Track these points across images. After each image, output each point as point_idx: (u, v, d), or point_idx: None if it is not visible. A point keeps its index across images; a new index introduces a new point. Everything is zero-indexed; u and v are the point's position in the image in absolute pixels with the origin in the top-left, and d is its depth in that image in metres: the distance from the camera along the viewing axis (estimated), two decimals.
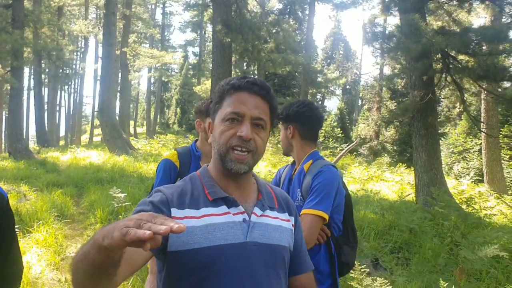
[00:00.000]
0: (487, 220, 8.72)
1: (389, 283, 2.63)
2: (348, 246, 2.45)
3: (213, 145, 1.41)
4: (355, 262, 2.64)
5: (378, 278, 2.65)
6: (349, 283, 2.95)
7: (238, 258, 1.29)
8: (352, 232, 2.50)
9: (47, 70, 30.16)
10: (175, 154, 2.66)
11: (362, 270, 2.62)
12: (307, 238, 2.14)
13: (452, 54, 9.68)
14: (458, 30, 9.81)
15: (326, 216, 2.22)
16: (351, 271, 3.05)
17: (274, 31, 17.24)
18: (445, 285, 2.69)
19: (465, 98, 10.97)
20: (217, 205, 1.35)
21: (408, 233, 6.75)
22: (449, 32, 9.28)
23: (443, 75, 10.10)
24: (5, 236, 1.85)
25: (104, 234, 0.90)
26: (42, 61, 25.74)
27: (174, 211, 1.30)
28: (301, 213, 2.24)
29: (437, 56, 9.86)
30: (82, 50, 46.53)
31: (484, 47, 9.30)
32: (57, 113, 45.64)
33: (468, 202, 9.25)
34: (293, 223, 1.52)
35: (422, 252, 6.04)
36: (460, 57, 9.99)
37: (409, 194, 10.93)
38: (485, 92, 11.07)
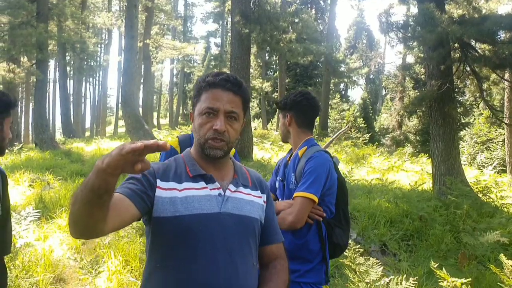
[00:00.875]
0: (505, 209, 8.69)
1: (380, 264, 2.76)
2: (340, 228, 2.57)
3: (194, 134, 1.63)
4: (348, 243, 2.75)
5: (370, 258, 2.77)
6: (341, 260, 3.07)
7: (213, 226, 1.49)
8: (344, 215, 2.62)
9: (71, 62, 30.79)
10: (176, 141, 2.85)
11: (356, 249, 2.74)
12: (297, 218, 2.30)
13: (470, 43, 9.60)
14: (477, 18, 9.70)
15: (316, 198, 2.36)
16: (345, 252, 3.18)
17: (294, 21, 17.23)
18: (435, 266, 2.80)
19: (483, 87, 10.87)
20: (197, 181, 1.56)
21: (419, 221, 6.82)
22: (466, 20, 9.20)
23: (461, 64, 10.02)
24: (9, 208, 2.30)
25: (104, 157, 1.08)
26: (67, 54, 26.31)
27: (159, 182, 1.52)
28: (293, 196, 2.39)
29: (455, 45, 9.78)
30: (106, 42, 47.20)
31: (502, 36, 9.20)
32: (82, 105, 46.61)
33: (484, 192, 9.22)
34: (265, 200, 1.71)
35: (430, 239, 6.13)
36: (482, 45, 9.89)
37: (423, 183, 10.92)
38: (504, 81, 10.93)
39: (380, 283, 2.49)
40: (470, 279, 2.77)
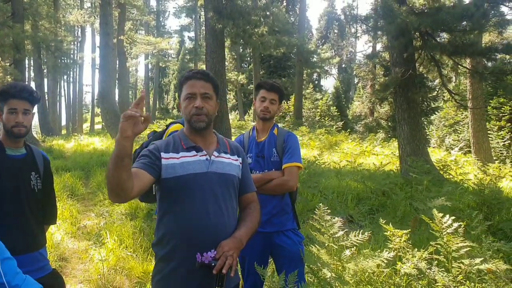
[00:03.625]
0: (465, 185, 9.47)
1: (344, 227, 3.40)
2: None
3: (183, 115, 2.24)
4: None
5: (336, 218, 3.41)
6: (312, 221, 3.69)
7: (203, 182, 2.11)
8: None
9: (45, 60, 30.72)
10: (181, 126, 3.46)
11: (325, 210, 3.37)
12: (295, 182, 3.09)
13: (430, 32, 10.32)
14: (433, 9, 10.42)
15: (302, 165, 3.18)
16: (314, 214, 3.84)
17: (266, 14, 17.69)
18: (383, 223, 3.48)
19: (443, 73, 11.66)
20: (189, 151, 2.17)
21: (382, 196, 7.55)
22: (424, 11, 9.94)
23: (422, 52, 10.75)
24: (52, 186, 2.83)
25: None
26: (42, 52, 26.32)
27: (162, 154, 2.12)
28: (285, 165, 3.10)
29: (416, 34, 10.50)
30: (79, 39, 46.97)
31: (457, 25, 9.92)
32: (58, 103, 46.33)
33: (445, 169, 10.01)
34: (241, 162, 2.34)
35: (388, 208, 6.91)
36: (442, 34, 10.63)
37: (388, 163, 11.70)
38: (459, 67, 11.72)
39: (341, 234, 3.16)
40: (409, 230, 3.45)
